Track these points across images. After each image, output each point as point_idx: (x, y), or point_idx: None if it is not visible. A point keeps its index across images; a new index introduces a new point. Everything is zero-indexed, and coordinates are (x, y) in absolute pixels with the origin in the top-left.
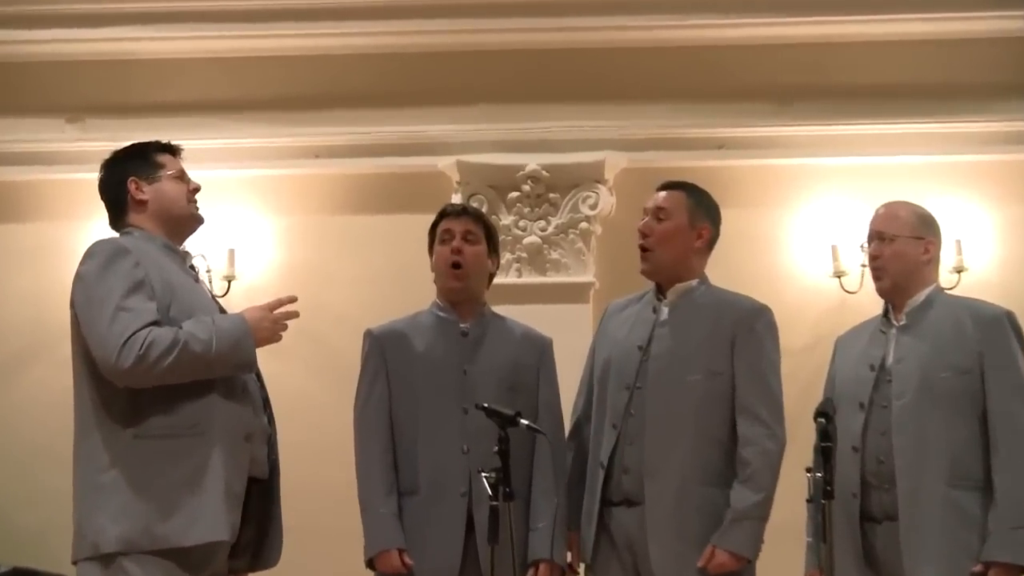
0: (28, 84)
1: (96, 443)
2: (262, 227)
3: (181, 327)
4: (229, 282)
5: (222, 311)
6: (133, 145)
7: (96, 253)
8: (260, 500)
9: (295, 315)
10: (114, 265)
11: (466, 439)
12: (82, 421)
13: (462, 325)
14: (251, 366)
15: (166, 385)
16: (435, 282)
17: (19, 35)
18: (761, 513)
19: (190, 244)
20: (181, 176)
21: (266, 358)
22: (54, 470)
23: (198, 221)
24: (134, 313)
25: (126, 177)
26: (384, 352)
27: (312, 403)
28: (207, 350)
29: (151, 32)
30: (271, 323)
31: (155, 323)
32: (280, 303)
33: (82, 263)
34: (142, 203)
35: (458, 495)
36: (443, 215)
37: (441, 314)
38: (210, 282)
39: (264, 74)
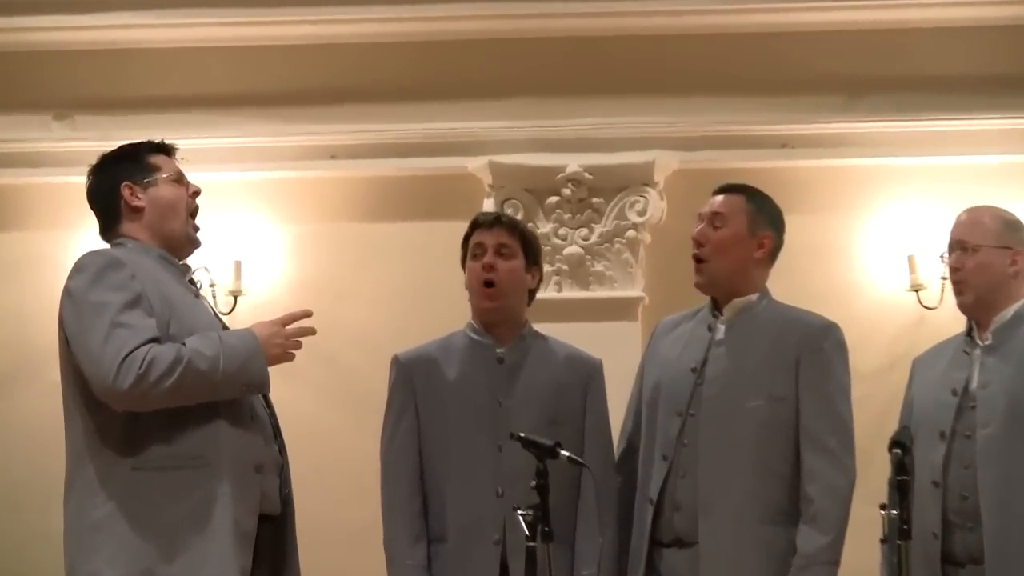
0: (10, 77)
1: (90, 476)
2: (271, 236)
3: (184, 344)
4: (235, 298)
5: (226, 330)
6: (123, 147)
7: (86, 266)
8: (272, 539)
9: (311, 332)
10: (107, 278)
11: (501, 480)
12: (74, 452)
13: (498, 350)
14: (261, 387)
15: (168, 411)
16: (470, 301)
17: (1, 23)
18: (831, 557)
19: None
20: (179, 179)
21: (275, 382)
22: (41, 508)
23: (194, 244)
24: (131, 329)
25: (118, 182)
26: (413, 381)
27: (326, 431)
28: (213, 369)
29: (148, 19)
30: (283, 339)
31: (155, 340)
32: (293, 317)
33: (71, 277)
34: (137, 210)
35: (491, 543)
36: (475, 226)
37: (475, 337)
38: (213, 297)
39: (273, 65)
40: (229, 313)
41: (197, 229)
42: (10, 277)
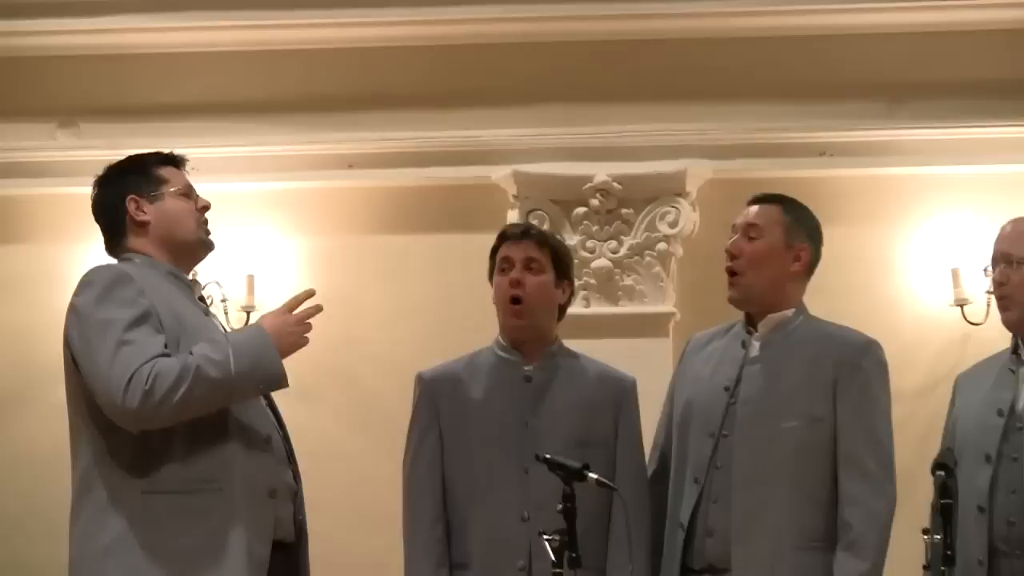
0: (13, 83)
1: (99, 500)
2: (285, 249)
3: (191, 352)
4: (248, 313)
5: (233, 331)
6: (129, 158)
7: (93, 282)
8: (285, 567)
9: (318, 310)
10: (114, 294)
11: (527, 504)
12: (81, 474)
13: (525, 368)
14: (279, 381)
15: (180, 434)
16: (498, 317)
17: (1, 26)
18: None
19: (201, 269)
20: (187, 192)
21: (290, 402)
22: (47, 533)
23: (208, 247)
24: (137, 347)
25: (124, 195)
26: (437, 401)
27: (343, 454)
28: (225, 372)
29: (157, 22)
30: (294, 326)
31: (162, 356)
32: (298, 301)
33: (77, 293)
34: (143, 225)
35: (516, 569)
36: (502, 238)
37: (503, 355)
38: (225, 313)
39: (288, 70)
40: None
41: (209, 232)
42: (13, 292)
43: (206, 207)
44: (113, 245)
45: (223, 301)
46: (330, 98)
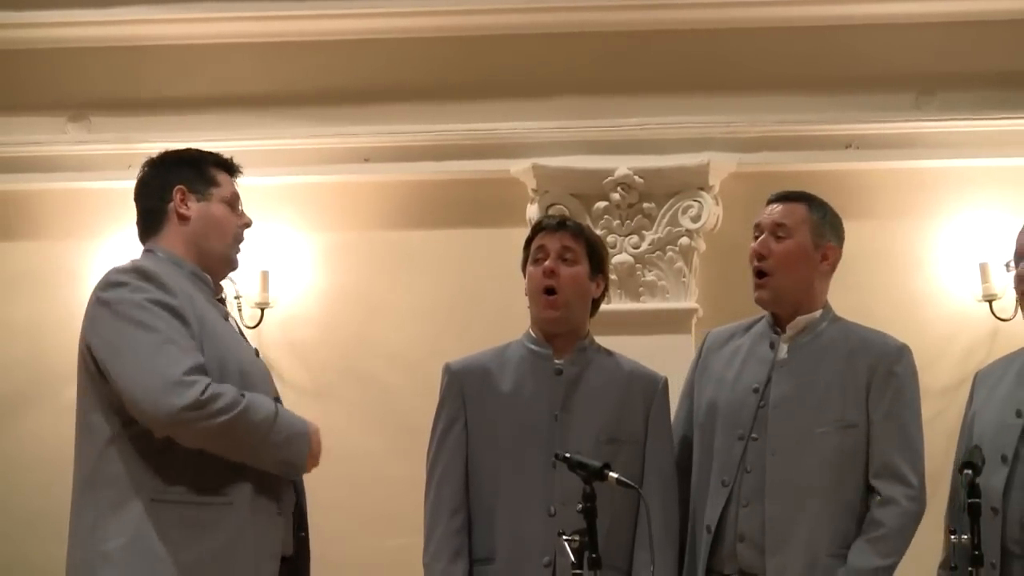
0: (23, 76)
1: (103, 503)
2: (300, 245)
3: (244, 393)
4: (262, 310)
5: (256, 354)
6: (188, 149)
7: (122, 281)
8: None
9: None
10: (147, 292)
11: (554, 499)
12: (87, 477)
13: (557, 362)
14: (298, 468)
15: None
16: (529, 308)
17: (11, 17)
18: None
19: None
20: (234, 203)
21: (305, 401)
22: (56, 535)
23: (232, 266)
24: (182, 348)
25: (173, 183)
26: (464, 392)
27: (360, 454)
28: (265, 427)
29: (168, 13)
30: (317, 448)
31: (202, 366)
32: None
33: (107, 288)
34: (184, 219)
35: (541, 566)
36: (537, 229)
37: (533, 347)
38: (239, 310)
39: (302, 62)
40: (256, 326)
41: (239, 252)
42: (23, 290)
43: (248, 224)
44: (145, 231)
45: (237, 298)
46: (346, 90)
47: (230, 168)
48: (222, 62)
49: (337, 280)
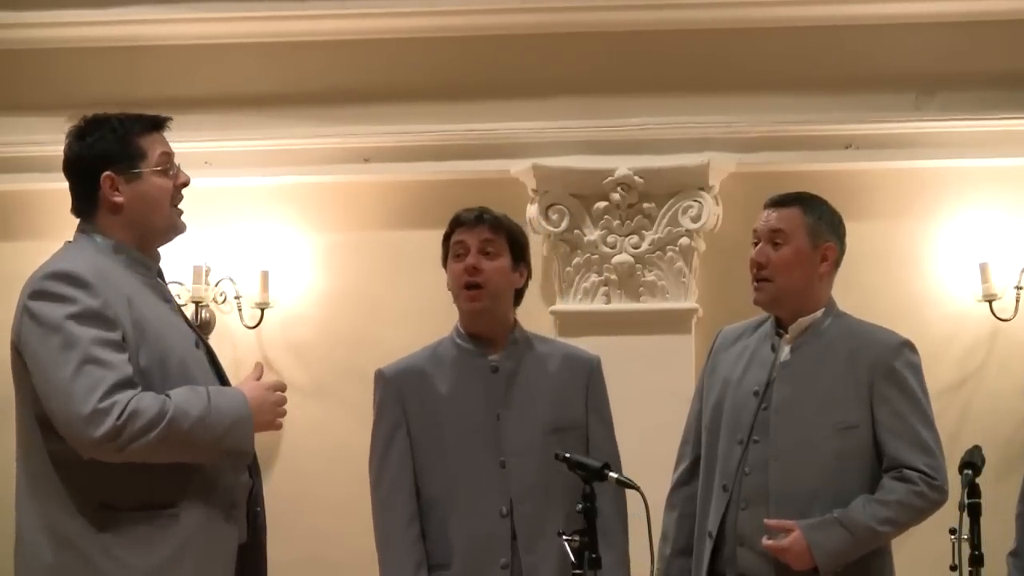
0: (20, 76)
1: (46, 516)
2: (300, 245)
3: (169, 396)
4: (262, 310)
5: (205, 344)
6: (108, 119)
7: (48, 290)
8: (242, 569)
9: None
10: (71, 304)
11: (506, 499)
12: (30, 484)
13: (491, 358)
14: (244, 455)
15: None
16: (455, 303)
17: (11, 17)
18: (867, 537)
19: (214, 265)
20: (165, 168)
21: (305, 402)
22: None
23: (178, 230)
24: (105, 367)
25: (99, 169)
26: (403, 397)
27: (359, 455)
28: (198, 430)
29: (167, 13)
30: (272, 406)
31: (130, 382)
32: (280, 385)
33: (32, 297)
34: (116, 206)
35: (499, 567)
36: (456, 223)
37: (464, 344)
38: (239, 310)
39: (302, 62)
40: (256, 326)
41: (181, 213)
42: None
43: (185, 183)
44: (79, 209)
45: (237, 298)
46: (346, 91)
47: (157, 124)
48: (222, 62)
49: (337, 280)
